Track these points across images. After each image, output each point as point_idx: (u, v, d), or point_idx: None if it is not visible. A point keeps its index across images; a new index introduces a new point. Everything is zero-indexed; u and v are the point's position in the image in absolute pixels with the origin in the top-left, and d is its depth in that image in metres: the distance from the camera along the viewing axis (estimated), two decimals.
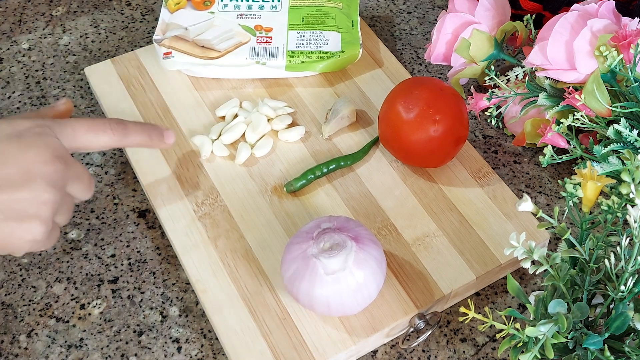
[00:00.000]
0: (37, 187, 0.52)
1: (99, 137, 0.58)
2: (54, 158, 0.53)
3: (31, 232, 0.52)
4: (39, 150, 0.53)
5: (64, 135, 0.55)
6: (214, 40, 0.77)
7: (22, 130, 0.54)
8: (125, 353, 0.62)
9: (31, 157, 0.52)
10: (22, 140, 0.53)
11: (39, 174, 0.52)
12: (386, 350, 0.63)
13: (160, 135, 0.63)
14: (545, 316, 0.50)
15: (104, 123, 0.58)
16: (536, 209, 0.51)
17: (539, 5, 0.79)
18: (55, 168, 0.53)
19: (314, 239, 0.59)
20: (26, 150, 0.52)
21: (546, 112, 0.70)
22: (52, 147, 0.53)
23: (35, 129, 0.54)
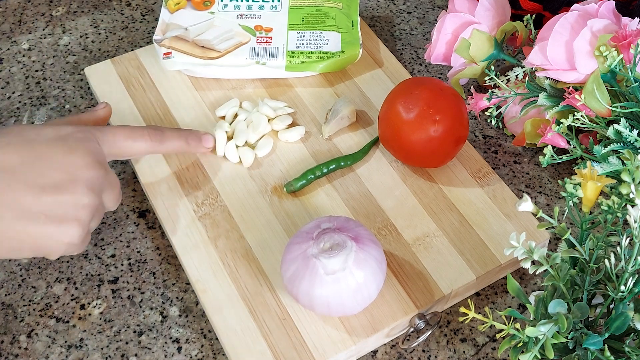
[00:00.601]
0: (79, 190, 0.53)
1: (137, 144, 0.60)
2: (95, 163, 0.54)
3: (69, 235, 0.53)
4: (82, 155, 0.54)
5: (105, 141, 0.57)
6: (214, 40, 0.77)
7: (66, 134, 0.55)
8: (125, 353, 0.62)
9: (74, 161, 0.54)
10: (66, 144, 0.54)
11: (81, 178, 0.53)
12: (386, 350, 0.63)
13: (197, 140, 0.64)
14: (545, 316, 0.50)
15: (142, 130, 0.60)
16: (536, 209, 0.51)
17: (539, 5, 0.79)
18: (96, 173, 0.54)
19: (314, 239, 0.59)
20: (70, 154, 0.54)
21: (546, 112, 0.70)
22: (93, 153, 0.55)
23: (78, 134, 0.56)
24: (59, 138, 0.55)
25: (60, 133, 0.55)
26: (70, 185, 0.53)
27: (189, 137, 0.64)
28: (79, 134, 0.56)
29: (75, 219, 0.53)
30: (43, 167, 0.52)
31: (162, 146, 0.62)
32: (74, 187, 0.53)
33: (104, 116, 0.64)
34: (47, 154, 0.53)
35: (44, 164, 0.53)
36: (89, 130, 0.57)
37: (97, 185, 0.55)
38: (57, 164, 0.53)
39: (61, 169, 0.53)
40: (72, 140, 0.55)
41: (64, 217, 0.53)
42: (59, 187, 0.52)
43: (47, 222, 0.52)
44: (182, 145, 0.63)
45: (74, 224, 0.53)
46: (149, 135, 0.61)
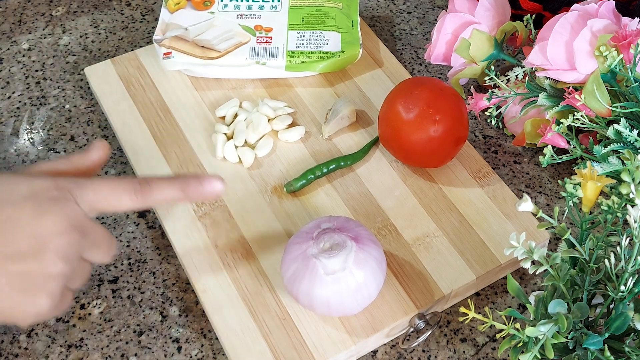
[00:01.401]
0: (48, 259, 0.48)
1: (121, 201, 0.53)
2: (69, 228, 0.49)
3: (36, 306, 0.49)
4: (54, 219, 0.49)
5: (85, 199, 0.52)
6: (214, 40, 0.77)
7: (40, 191, 0.50)
8: (125, 353, 0.62)
9: (45, 225, 0.49)
10: (38, 205, 0.49)
11: (50, 245, 0.48)
12: (386, 350, 0.63)
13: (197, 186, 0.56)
14: (545, 316, 0.50)
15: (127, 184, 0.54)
16: (536, 209, 0.51)
17: (539, 5, 0.79)
18: (69, 239, 0.49)
19: (314, 239, 0.59)
20: (40, 217, 0.49)
21: (546, 112, 0.70)
22: (69, 215, 0.50)
23: (53, 191, 0.50)
24: (31, 196, 0.49)
25: (34, 189, 0.50)
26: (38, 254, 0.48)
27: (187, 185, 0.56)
28: (55, 192, 0.50)
29: (43, 289, 0.48)
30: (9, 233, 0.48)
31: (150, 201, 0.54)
32: (42, 256, 0.48)
33: (97, 160, 0.57)
34: (14, 217, 0.48)
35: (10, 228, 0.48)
36: (68, 186, 0.51)
37: (71, 252, 0.49)
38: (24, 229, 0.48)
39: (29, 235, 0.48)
40: (45, 200, 0.49)
41: (31, 288, 0.48)
42: (26, 256, 0.48)
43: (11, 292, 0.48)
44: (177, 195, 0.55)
45: (41, 295, 0.48)
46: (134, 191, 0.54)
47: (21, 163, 0.74)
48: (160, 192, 0.55)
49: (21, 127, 0.78)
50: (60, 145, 0.76)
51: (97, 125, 0.78)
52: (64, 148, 0.76)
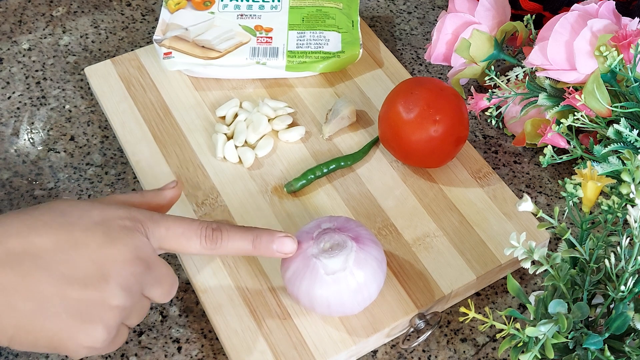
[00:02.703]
0: (109, 289, 0.47)
1: (190, 244, 0.53)
2: (135, 259, 0.48)
3: (91, 338, 0.47)
4: (122, 248, 0.48)
5: (155, 234, 0.51)
6: (214, 40, 0.77)
7: (112, 219, 0.49)
8: (125, 353, 0.62)
9: (111, 253, 0.48)
10: (108, 233, 0.48)
11: (114, 274, 0.47)
12: (386, 350, 0.63)
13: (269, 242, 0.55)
14: (545, 316, 0.50)
15: (198, 229, 0.53)
16: (536, 209, 0.51)
17: (539, 5, 0.79)
18: (133, 271, 0.48)
19: (314, 239, 0.59)
20: (108, 245, 0.48)
21: (546, 112, 0.70)
22: (137, 247, 0.49)
23: (125, 221, 0.50)
24: (102, 223, 0.48)
25: (105, 217, 0.49)
26: (99, 282, 0.47)
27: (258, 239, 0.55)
28: (127, 222, 0.49)
29: (101, 320, 0.47)
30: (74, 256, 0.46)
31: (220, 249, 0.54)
32: (104, 284, 0.47)
33: (170, 199, 0.57)
34: (83, 241, 0.47)
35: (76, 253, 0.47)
36: (141, 219, 0.50)
37: (133, 285, 0.48)
38: (90, 254, 0.47)
39: (94, 262, 0.47)
40: (116, 229, 0.48)
41: (88, 317, 0.46)
42: (87, 283, 0.46)
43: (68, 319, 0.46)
44: (246, 249, 0.55)
45: (97, 326, 0.47)
46: (206, 237, 0.53)
47: (21, 163, 0.74)
48: (231, 242, 0.54)
49: (21, 127, 0.78)
50: (61, 145, 0.76)
51: (97, 125, 0.78)
52: (64, 148, 0.76)
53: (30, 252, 0.46)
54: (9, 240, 0.46)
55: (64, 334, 0.46)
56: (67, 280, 0.46)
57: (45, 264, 0.46)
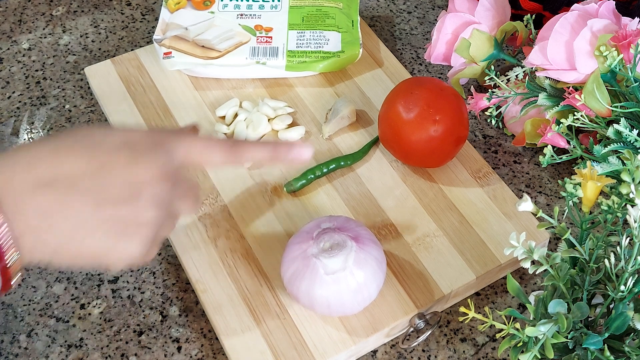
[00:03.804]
0: (141, 205, 0.49)
1: (213, 156, 0.54)
2: (161, 176, 0.50)
3: (128, 251, 0.49)
4: (148, 167, 0.50)
5: (178, 151, 0.52)
6: (214, 40, 0.77)
7: (135, 140, 0.50)
8: (125, 353, 0.62)
9: (138, 173, 0.49)
10: (133, 152, 0.50)
11: (144, 192, 0.49)
12: (386, 350, 0.63)
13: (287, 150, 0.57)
14: (545, 316, 0.50)
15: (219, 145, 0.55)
16: (536, 209, 0.51)
17: (539, 5, 0.79)
18: (161, 187, 0.50)
19: (314, 238, 0.59)
20: (134, 164, 0.49)
21: (546, 112, 0.70)
22: (162, 164, 0.50)
23: (147, 141, 0.51)
24: (125, 145, 0.50)
25: (128, 138, 0.50)
26: (131, 199, 0.48)
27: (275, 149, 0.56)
28: (148, 142, 0.51)
29: (136, 234, 0.49)
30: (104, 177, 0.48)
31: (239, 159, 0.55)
32: (136, 201, 0.49)
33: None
34: (110, 163, 0.49)
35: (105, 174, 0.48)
36: (162, 138, 0.52)
37: (162, 200, 0.50)
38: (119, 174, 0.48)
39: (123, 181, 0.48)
40: (139, 149, 0.50)
41: (124, 233, 0.49)
42: (119, 201, 0.48)
43: (105, 236, 0.48)
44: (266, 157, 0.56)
45: (133, 240, 0.49)
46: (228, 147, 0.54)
47: None
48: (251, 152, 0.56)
49: (21, 127, 0.78)
50: None
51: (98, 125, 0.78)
52: None
53: (60, 176, 0.47)
54: (39, 166, 0.47)
55: (102, 250, 0.49)
56: (101, 201, 0.48)
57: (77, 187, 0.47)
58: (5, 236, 0.45)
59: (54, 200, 0.47)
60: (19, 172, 0.46)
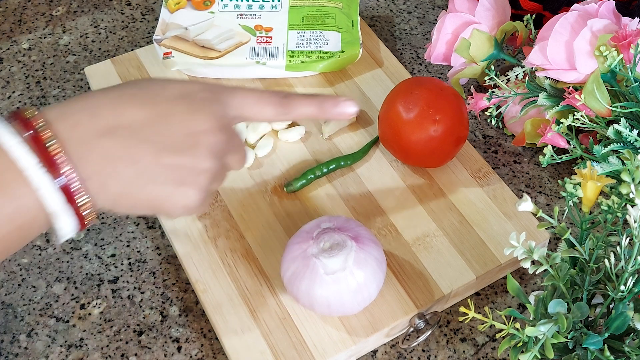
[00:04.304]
0: (200, 155, 0.50)
1: (265, 110, 0.55)
2: (218, 127, 0.51)
3: (187, 199, 0.51)
4: (206, 117, 0.51)
5: (232, 104, 0.53)
6: (214, 40, 0.77)
7: (191, 92, 0.52)
8: (125, 353, 0.62)
9: (197, 123, 0.51)
10: (191, 103, 0.51)
11: (202, 142, 0.51)
12: (386, 350, 0.63)
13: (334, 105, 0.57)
14: (545, 316, 0.50)
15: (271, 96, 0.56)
16: (536, 209, 0.51)
17: (539, 5, 0.79)
18: (218, 138, 0.51)
19: (314, 238, 0.59)
20: (192, 115, 0.51)
21: (546, 112, 0.70)
22: (218, 115, 0.52)
23: (204, 93, 0.52)
24: (183, 96, 0.51)
25: (186, 90, 0.52)
26: (191, 149, 0.50)
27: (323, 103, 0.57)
28: (206, 93, 0.52)
29: (194, 183, 0.51)
30: (164, 127, 0.49)
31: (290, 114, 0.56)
32: (195, 151, 0.50)
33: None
34: (169, 113, 0.50)
35: (165, 123, 0.50)
36: (217, 90, 0.53)
37: (218, 150, 0.51)
38: (178, 124, 0.50)
39: (182, 131, 0.50)
40: (197, 100, 0.51)
41: (182, 181, 0.50)
42: (179, 150, 0.50)
43: (165, 183, 0.49)
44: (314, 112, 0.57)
45: (192, 188, 0.51)
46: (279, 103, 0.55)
47: None
48: (301, 106, 0.56)
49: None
50: None
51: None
52: None
53: (123, 123, 0.48)
54: (102, 114, 0.48)
55: (163, 196, 0.50)
56: (162, 149, 0.49)
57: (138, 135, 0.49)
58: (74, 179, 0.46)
59: (117, 146, 0.48)
60: (83, 119, 0.48)
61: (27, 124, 0.46)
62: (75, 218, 0.47)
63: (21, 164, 0.45)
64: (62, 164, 0.45)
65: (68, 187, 0.46)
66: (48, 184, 0.45)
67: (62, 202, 0.46)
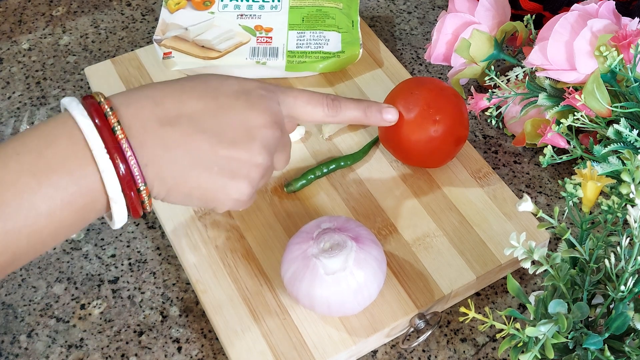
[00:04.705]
0: (254, 149, 0.52)
1: (315, 111, 0.57)
2: (273, 123, 0.53)
3: (239, 191, 0.52)
4: (262, 113, 0.53)
5: (285, 103, 0.56)
6: (214, 40, 0.77)
7: (249, 88, 0.54)
8: (126, 353, 0.62)
9: (254, 118, 0.52)
10: (249, 99, 0.53)
11: (258, 136, 0.52)
12: (386, 350, 0.63)
13: (377, 111, 0.61)
14: (545, 316, 0.50)
15: (322, 98, 0.58)
16: (536, 209, 0.51)
17: (539, 5, 0.79)
18: (272, 134, 0.53)
19: (314, 239, 0.59)
20: (250, 110, 0.52)
21: (546, 112, 0.70)
22: (273, 112, 0.54)
23: (261, 90, 0.54)
24: (242, 91, 0.53)
25: (244, 86, 0.54)
26: (247, 142, 0.52)
27: (368, 109, 0.61)
28: (262, 91, 0.54)
29: (247, 176, 0.52)
30: (223, 119, 0.51)
31: (338, 116, 0.59)
32: (250, 144, 0.52)
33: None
34: (228, 106, 0.52)
35: (224, 116, 0.51)
36: (272, 89, 0.55)
37: (271, 146, 0.53)
38: (236, 118, 0.52)
39: (240, 124, 0.52)
40: (254, 96, 0.53)
41: (236, 173, 0.52)
42: (236, 142, 0.51)
43: (220, 174, 0.51)
44: (359, 117, 0.60)
45: (244, 181, 0.52)
46: (328, 104, 0.58)
47: None
48: (348, 110, 0.59)
49: (21, 127, 0.78)
50: None
51: None
52: None
53: (185, 113, 0.50)
54: (165, 103, 0.50)
55: (216, 187, 0.51)
56: (219, 140, 0.51)
57: (198, 126, 0.50)
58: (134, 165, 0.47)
59: (177, 135, 0.49)
60: (146, 107, 0.49)
61: (98, 109, 0.48)
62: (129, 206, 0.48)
63: (91, 146, 0.46)
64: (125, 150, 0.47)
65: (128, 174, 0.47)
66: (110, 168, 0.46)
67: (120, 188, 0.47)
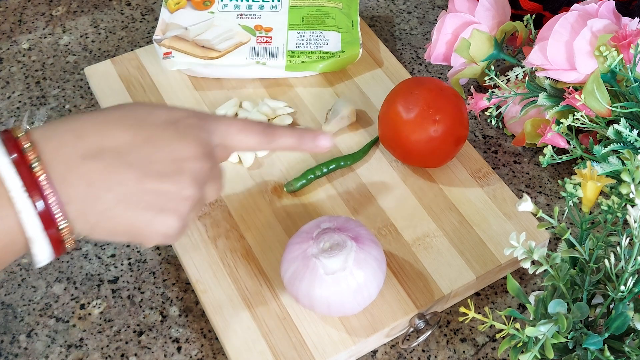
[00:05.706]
0: (183, 182, 0.50)
1: (249, 139, 0.56)
2: (203, 154, 0.51)
3: (167, 226, 0.50)
4: (191, 143, 0.51)
5: (217, 132, 0.54)
6: (214, 40, 0.77)
7: (178, 118, 0.52)
8: (125, 353, 0.62)
9: (182, 148, 0.50)
10: (177, 129, 0.51)
11: (186, 169, 0.50)
12: (386, 350, 0.63)
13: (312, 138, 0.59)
14: (545, 316, 0.50)
15: (255, 126, 0.56)
16: (536, 209, 0.51)
17: (539, 5, 0.79)
18: (202, 166, 0.51)
19: (314, 238, 0.59)
20: (178, 141, 0.50)
21: (546, 112, 0.70)
22: (203, 142, 0.52)
23: (190, 119, 0.52)
24: (170, 121, 0.51)
25: (173, 116, 0.52)
26: (175, 175, 0.50)
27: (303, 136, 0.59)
28: (192, 120, 0.52)
29: (175, 210, 0.50)
30: (150, 152, 0.49)
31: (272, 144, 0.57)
32: (178, 177, 0.50)
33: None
34: (155, 137, 0.50)
35: (151, 148, 0.49)
36: (203, 117, 0.53)
37: (201, 178, 0.51)
38: (164, 150, 0.50)
39: (168, 157, 0.50)
40: (183, 126, 0.51)
41: (164, 208, 0.50)
42: (163, 176, 0.49)
43: (146, 209, 0.49)
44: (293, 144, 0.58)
45: (172, 216, 0.50)
46: (261, 132, 0.56)
47: None
48: (282, 137, 0.57)
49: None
50: None
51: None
52: None
53: (109, 147, 0.48)
54: (87, 137, 0.48)
55: (142, 223, 0.49)
56: (145, 173, 0.49)
57: (123, 160, 0.48)
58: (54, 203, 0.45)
59: (100, 170, 0.47)
60: (67, 142, 0.47)
61: (16, 145, 0.46)
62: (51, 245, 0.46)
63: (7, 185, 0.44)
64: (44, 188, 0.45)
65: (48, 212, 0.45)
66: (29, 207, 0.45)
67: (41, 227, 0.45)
